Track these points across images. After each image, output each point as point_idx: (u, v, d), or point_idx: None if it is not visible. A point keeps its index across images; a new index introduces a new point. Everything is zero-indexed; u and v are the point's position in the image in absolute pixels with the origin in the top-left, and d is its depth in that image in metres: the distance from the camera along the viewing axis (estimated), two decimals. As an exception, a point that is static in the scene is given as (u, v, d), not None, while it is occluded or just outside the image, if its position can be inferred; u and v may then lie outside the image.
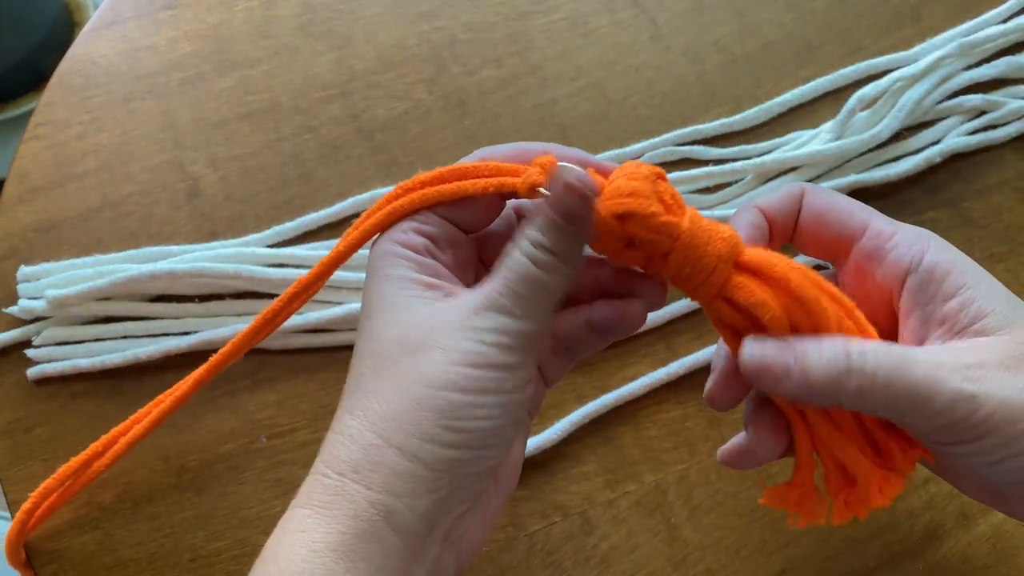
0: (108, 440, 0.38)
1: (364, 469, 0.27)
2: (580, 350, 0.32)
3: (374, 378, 0.28)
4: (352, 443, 0.28)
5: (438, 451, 0.27)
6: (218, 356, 0.34)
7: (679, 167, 0.47)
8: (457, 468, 0.27)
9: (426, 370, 0.27)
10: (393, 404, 0.27)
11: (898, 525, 0.39)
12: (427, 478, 0.27)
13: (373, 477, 0.27)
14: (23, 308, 0.43)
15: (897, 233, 0.30)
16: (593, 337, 0.32)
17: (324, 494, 0.27)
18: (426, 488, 0.27)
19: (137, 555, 0.39)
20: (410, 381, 0.27)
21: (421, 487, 0.27)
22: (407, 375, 0.28)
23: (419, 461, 0.27)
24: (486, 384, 0.27)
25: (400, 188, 0.30)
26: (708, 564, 0.38)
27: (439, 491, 0.27)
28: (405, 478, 0.27)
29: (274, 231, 0.45)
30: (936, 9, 0.52)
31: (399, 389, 0.27)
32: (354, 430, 0.28)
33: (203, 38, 0.51)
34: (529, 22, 0.52)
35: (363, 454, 0.27)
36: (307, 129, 0.48)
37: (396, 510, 0.27)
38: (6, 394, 0.42)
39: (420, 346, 0.28)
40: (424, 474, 0.27)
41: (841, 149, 0.45)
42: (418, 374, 0.27)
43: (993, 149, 0.48)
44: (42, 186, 0.47)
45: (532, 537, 0.39)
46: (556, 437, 0.40)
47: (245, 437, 0.41)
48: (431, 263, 0.30)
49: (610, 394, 0.41)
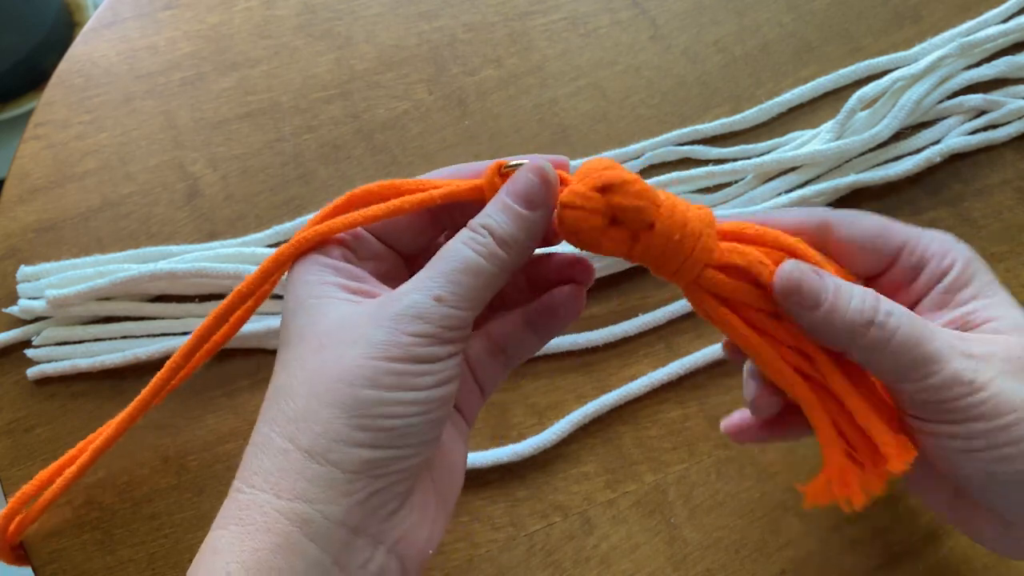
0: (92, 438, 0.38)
1: (273, 476, 0.25)
2: (518, 352, 0.31)
3: (287, 379, 0.26)
4: (262, 452, 0.26)
5: (350, 451, 0.25)
6: (142, 395, 0.35)
7: (679, 167, 0.47)
8: (372, 469, 0.25)
9: (339, 364, 0.25)
10: (302, 403, 0.25)
11: (898, 525, 0.39)
12: (340, 480, 0.25)
13: (282, 484, 0.25)
14: (23, 308, 0.43)
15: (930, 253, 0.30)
16: (530, 335, 0.30)
17: (237, 510, 0.25)
18: (340, 492, 0.25)
19: (137, 555, 0.39)
20: (321, 376, 0.25)
21: (335, 491, 0.25)
22: (319, 371, 0.25)
23: (330, 463, 0.25)
24: (403, 379, 0.25)
25: (327, 210, 0.29)
26: (708, 564, 0.38)
27: (355, 494, 0.25)
28: (316, 483, 0.25)
29: (274, 231, 0.45)
30: (936, 9, 0.52)
31: (310, 387, 0.25)
32: (264, 437, 0.26)
33: (203, 38, 0.51)
34: (529, 22, 0.52)
35: (272, 461, 0.25)
36: (307, 129, 0.48)
37: (310, 518, 0.25)
38: (6, 394, 0.42)
39: (337, 341, 0.26)
40: (336, 476, 0.25)
41: (841, 149, 0.45)
42: (329, 369, 0.25)
43: (993, 149, 0.48)
44: (42, 186, 0.47)
45: (532, 537, 0.39)
46: (556, 437, 0.40)
47: (245, 437, 0.41)
48: (350, 267, 0.28)
49: (610, 394, 0.41)
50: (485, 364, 0.31)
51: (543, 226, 0.27)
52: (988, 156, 0.48)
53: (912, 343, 0.27)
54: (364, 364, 0.25)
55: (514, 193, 0.27)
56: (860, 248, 0.30)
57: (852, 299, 0.27)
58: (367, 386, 0.25)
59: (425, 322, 0.25)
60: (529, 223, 0.27)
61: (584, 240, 0.28)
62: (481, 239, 0.26)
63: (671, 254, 0.27)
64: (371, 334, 0.25)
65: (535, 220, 0.27)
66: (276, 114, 0.49)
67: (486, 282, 0.26)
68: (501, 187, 0.27)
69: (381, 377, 0.25)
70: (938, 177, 0.47)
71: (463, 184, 0.28)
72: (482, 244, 0.26)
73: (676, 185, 0.45)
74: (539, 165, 0.27)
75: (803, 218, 0.30)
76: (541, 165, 0.27)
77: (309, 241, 0.28)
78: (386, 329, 0.25)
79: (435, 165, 0.47)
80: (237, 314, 0.31)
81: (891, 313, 0.27)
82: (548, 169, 0.27)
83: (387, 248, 0.30)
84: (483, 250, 0.26)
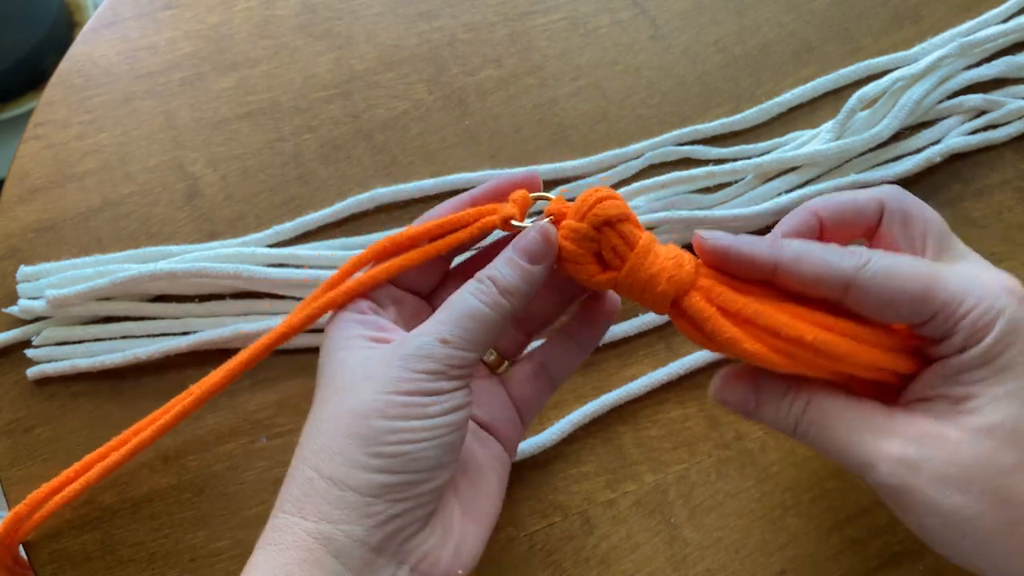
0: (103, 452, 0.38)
1: (301, 501, 0.28)
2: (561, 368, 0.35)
3: (316, 419, 0.30)
4: (293, 482, 0.29)
5: (366, 477, 0.28)
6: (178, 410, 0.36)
7: (679, 167, 0.47)
8: (389, 494, 0.28)
9: (356, 400, 0.29)
10: (326, 437, 0.29)
11: (898, 525, 0.39)
12: (359, 503, 0.28)
13: (308, 508, 0.28)
14: (23, 308, 0.43)
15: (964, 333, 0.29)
16: (571, 348, 0.35)
17: (272, 532, 0.29)
18: (361, 514, 0.28)
19: (137, 555, 0.39)
20: (341, 412, 0.29)
21: (355, 513, 0.28)
22: (340, 408, 0.29)
23: (349, 488, 0.28)
24: (412, 409, 0.28)
25: (350, 265, 0.33)
26: (708, 564, 0.38)
27: (375, 516, 0.28)
28: (338, 505, 0.28)
29: (274, 231, 0.45)
30: (936, 9, 0.52)
31: (333, 422, 0.29)
32: (296, 469, 0.29)
33: (203, 38, 0.51)
34: (529, 22, 0.52)
35: (300, 489, 0.29)
36: (307, 129, 0.48)
37: (332, 536, 0.28)
38: (6, 394, 0.42)
39: (355, 382, 0.29)
40: (356, 500, 0.28)
41: (841, 149, 0.45)
42: (348, 406, 0.29)
43: (993, 149, 0.48)
44: (42, 186, 0.47)
45: (532, 537, 0.39)
46: (556, 437, 0.40)
47: (245, 437, 0.41)
48: (375, 319, 0.32)
49: (610, 394, 0.41)
50: (526, 389, 0.35)
51: (544, 277, 0.31)
52: (988, 156, 0.48)
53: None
54: (377, 398, 0.28)
55: (520, 249, 0.30)
56: (891, 314, 0.29)
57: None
58: (380, 417, 0.28)
59: (432, 361, 0.29)
60: (531, 275, 0.30)
61: (577, 278, 0.32)
62: (486, 289, 0.30)
63: (638, 292, 0.31)
64: (384, 372, 0.29)
65: (536, 273, 0.31)
66: (276, 114, 0.49)
67: (489, 327, 0.30)
68: (518, 243, 0.31)
69: (392, 408, 0.28)
70: (938, 177, 0.47)
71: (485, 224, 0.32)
72: (487, 294, 0.30)
73: (676, 185, 0.45)
74: (545, 227, 0.31)
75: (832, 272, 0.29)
76: (547, 227, 0.31)
77: (339, 302, 0.32)
78: (397, 367, 0.29)
79: (436, 165, 0.47)
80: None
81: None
82: (551, 232, 0.31)
83: (405, 292, 0.34)
84: (487, 299, 0.30)
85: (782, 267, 0.29)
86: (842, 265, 0.29)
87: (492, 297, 0.30)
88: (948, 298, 0.28)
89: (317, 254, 0.43)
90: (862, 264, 0.29)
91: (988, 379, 0.28)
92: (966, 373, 0.29)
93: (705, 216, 0.43)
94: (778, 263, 0.29)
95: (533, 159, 0.47)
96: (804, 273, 0.29)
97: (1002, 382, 0.28)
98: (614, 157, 0.47)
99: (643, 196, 0.45)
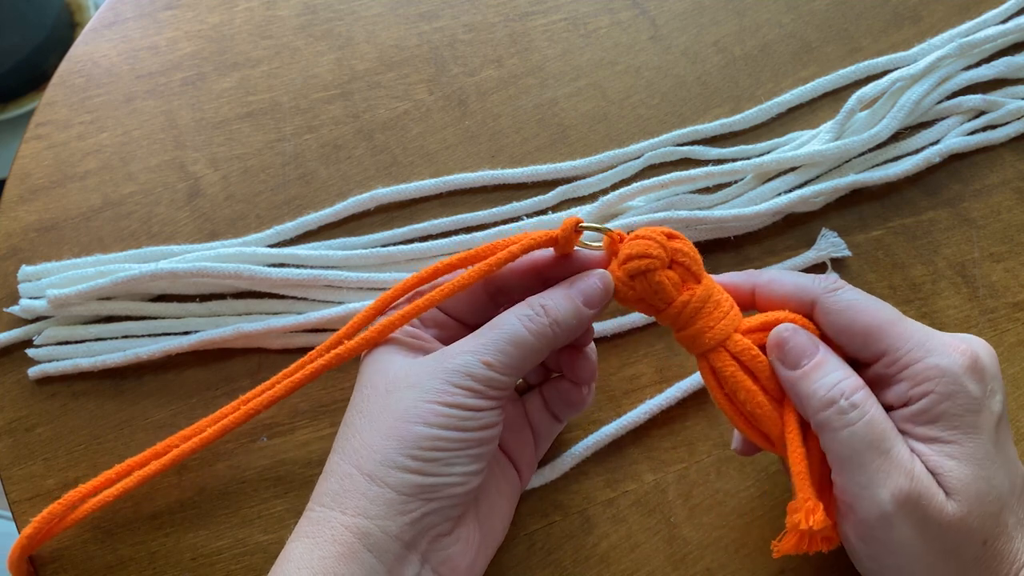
0: (121, 471, 0.38)
1: (340, 496, 0.30)
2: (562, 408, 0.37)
3: (357, 418, 0.32)
4: (332, 476, 0.31)
5: (403, 476, 0.29)
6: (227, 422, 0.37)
7: (679, 167, 0.47)
8: (423, 493, 0.30)
9: (398, 405, 0.30)
10: (367, 436, 0.31)
11: (897, 524, 0.39)
12: (396, 501, 0.29)
13: (347, 502, 0.30)
14: (24, 308, 0.43)
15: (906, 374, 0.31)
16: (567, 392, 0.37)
17: (309, 525, 0.30)
18: (397, 511, 0.29)
19: (137, 554, 0.39)
20: (384, 415, 0.31)
21: (392, 509, 0.29)
22: (382, 411, 0.31)
23: (387, 486, 0.29)
24: (450, 420, 0.30)
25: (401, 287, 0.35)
26: (708, 563, 0.38)
27: (410, 513, 0.29)
28: (376, 501, 0.29)
29: (275, 231, 0.45)
30: (936, 9, 0.52)
31: (374, 423, 0.31)
32: (335, 464, 0.31)
33: (204, 38, 0.51)
34: (529, 22, 0.52)
35: (339, 484, 0.30)
36: (308, 129, 0.48)
37: (370, 531, 0.29)
38: (7, 393, 0.42)
39: (398, 387, 0.31)
40: (393, 497, 0.29)
41: (840, 149, 0.45)
42: (391, 409, 0.31)
43: (992, 149, 0.48)
44: (43, 186, 0.47)
45: (532, 536, 0.39)
46: (565, 467, 0.40)
47: (245, 437, 0.41)
48: (416, 331, 0.35)
49: (620, 419, 0.41)
50: (539, 416, 0.37)
51: (591, 320, 0.33)
52: (987, 156, 0.48)
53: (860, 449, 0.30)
54: (419, 406, 0.30)
55: (581, 292, 0.32)
56: (844, 341, 0.33)
57: (828, 375, 0.31)
58: (420, 423, 0.30)
59: (474, 380, 0.30)
60: (582, 315, 0.32)
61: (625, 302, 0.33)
62: (534, 315, 0.31)
63: (691, 330, 0.33)
64: (427, 383, 0.30)
65: (587, 316, 0.32)
66: (277, 114, 0.49)
67: (530, 355, 0.31)
68: (569, 281, 0.33)
69: (432, 417, 0.30)
70: (937, 177, 0.47)
71: (538, 237, 0.33)
72: (534, 321, 0.31)
73: (676, 185, 0.45)
74: (607, 277, 0.33)
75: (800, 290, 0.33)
76: (608, 278, 0.33)
77: (397, 325, 0.34)
78: (440, 380, 0.30)
79: (436, 165, 0.47)
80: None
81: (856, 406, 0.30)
82: (610, 283, 0.33)
83: (449, 319, 0.35)
84: (533, 327, 0.31)
85: (759, 288, 0.34)
86: (811, 285, 0.33)
87: (539, 325, 0.31)
88: (898, 343, 0.31)
89: (318, 254, 0.44)
90: (831, 288, 0.32)
91: (930, 437, 0.30)
92: (909, 426, 0.31)
93: (705, 216, 0.43)
94: (755, 285, 0.34)
95: (533, 159, 0.47)
96: (775, 291, 0.33)
97: (942, 442, 0.30)
98: (614, 157, 0.47)
99: (643, 196, 0.45)
